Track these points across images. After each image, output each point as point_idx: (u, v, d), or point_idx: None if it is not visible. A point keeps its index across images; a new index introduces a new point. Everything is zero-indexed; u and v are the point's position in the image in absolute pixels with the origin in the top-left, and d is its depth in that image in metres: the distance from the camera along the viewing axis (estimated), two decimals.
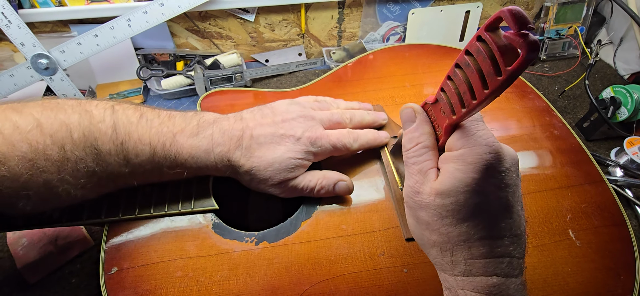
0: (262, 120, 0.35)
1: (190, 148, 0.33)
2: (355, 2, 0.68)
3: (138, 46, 0.66)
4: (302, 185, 0.36)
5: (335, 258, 0.35)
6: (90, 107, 0.31)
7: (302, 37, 0.72)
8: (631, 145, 0.53)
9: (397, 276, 0.34)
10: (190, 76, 0.62)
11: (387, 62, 0.55)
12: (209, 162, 0.33)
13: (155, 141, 0.31)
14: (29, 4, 0.55)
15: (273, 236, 0.36)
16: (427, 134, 0.29)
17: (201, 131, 0.33)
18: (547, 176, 0.42)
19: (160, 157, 0.32)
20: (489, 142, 0.24)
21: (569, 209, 0.40)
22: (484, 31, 0.21)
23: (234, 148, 0.34)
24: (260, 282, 0.33)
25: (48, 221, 0.34)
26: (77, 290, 0.40)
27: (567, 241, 0.38)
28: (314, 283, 0.34)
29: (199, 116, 0.35)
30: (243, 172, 0.34)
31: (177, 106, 0.63)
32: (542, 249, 0.37)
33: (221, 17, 0.66)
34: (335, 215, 0.37)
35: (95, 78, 0.65)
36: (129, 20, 0.53)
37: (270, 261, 0.34)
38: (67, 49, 0.52)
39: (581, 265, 0.36)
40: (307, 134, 0.35)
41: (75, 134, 0.29)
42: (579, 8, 0.67)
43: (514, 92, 0.51)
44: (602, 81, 0.68)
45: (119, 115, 0.31)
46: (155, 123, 0.32)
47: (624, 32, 0.67)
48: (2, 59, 0.61)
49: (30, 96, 0.59)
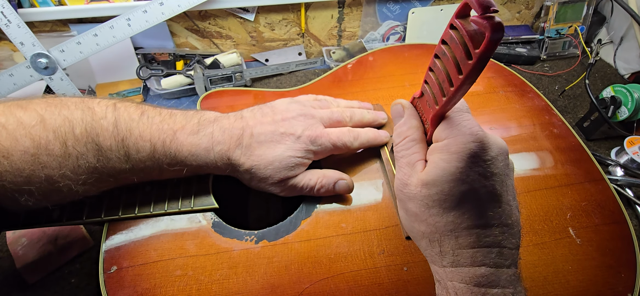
0: (262, 119, 0.35)
1: (190, 146, 0.33)
2: (355, 2, 0.68)
3: (138, 45, 0.66)
4: (302, 183, 0.36)
5: (335, 256, 0.35)
6: (93, 104, 0.31)
7: (302, 37, 0.72)
8: (631, 144, 0.53)
9: (397, 275, 0.34)
10: (190, 75, 0.62)
11: (386, 62, 0.55)
12: (209, 160, 0.33)
13: (155, 138, 0.32)
14: (29, 3, 0.55)
15: (273, 235, 0.36)
16: (414, 128, 0.30)
17: (202, 129, 0.33)
18: (548, 175, 0.42)
19: (160, 154, 0.32)
20: (472, 131, 0.25)
21: (569, 207, 0.40)
22: (455, 18, 0.22)
23: (234, 147, 0.34)
24: (260, 281, 0.33)
25: (48, 220, 0.34)
26: (77, 289, 0.40)
27: (567, 239, 0.38)
28: (313, 282, 0.34)
29: (199, 114, 0.35)
30: (243, 171, 0.34)
31: (177, 105, 0.63)
32: (543, 247, 0.37)
33: (221, 17, 0.66)
34: (335, 213, 0.37)
35: (94, 77, 0.65)
36: (129, 19, 0.53)
37: (270, 259, 0.34)
38: (66, 48, 0.52)
39: (582, 263, 0.36)
40: (307, 133, 0.35)
41: (77, 130, 0.29)
42: (579, 7, 0.67)
43: (514, 91, 0.51)
44: (602, 80, 0.68)
45: (120, 112, 0.31)
46: (157, 120, 0.32)
47: (624, 31, 0.67)
48: (2, 58, 0.60)
49: (30, 95, 0.59)
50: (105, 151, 0.30)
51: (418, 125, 0.30)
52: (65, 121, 0.29)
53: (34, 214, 0.34)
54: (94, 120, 0.30)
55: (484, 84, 0.51)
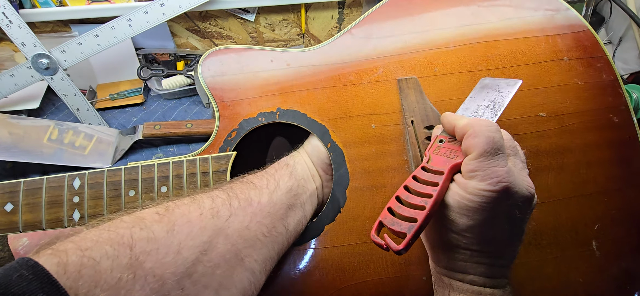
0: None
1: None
2: (355, 2, 0.68)
3: (138, 46, 0.66)
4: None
5: (358, 264, 0.35)
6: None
7: (302, 37, 0.72)
8: None
9: (416, 284, 0.35)
10: (191, 76, 0.62)
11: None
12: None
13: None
14: (30, 3, 0.55)
15: (299, 238, 0.36)
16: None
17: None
18: (588, 178, 0.38)
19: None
20: (495, 181, 0.27)
21: (601, 217, 0.37)
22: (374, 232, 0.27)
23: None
24: (285, 285, 0.34)
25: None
26: None
27: (588, 252, 0.36)
28: (338, 288, 0.34)
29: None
30: None
31: (177, 106, 0.63)
32: (562, 260, 0.36)
33: (221, 17, 0.66)
34: (359, 219, 0.37)
35: (95, 78, 0.65)
36: (130, 20, 0.53)
37: (294, 265, 0.35)
38: (67, 48, 0.52)
39: (594, 275, 0.36)
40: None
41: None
42: (578, 8, 0.67)
43: (580, 58, 0.42)
44: None
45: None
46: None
47: (623, 32, 0.68)
48: (3, 58, 0.61)
49: (30, 95, 0.59)
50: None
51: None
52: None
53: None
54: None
55: (548, 48, 0.43)
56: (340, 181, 0.38)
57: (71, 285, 0.21)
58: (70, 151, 0.53)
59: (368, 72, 0.42)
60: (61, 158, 0.51)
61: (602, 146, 0.40)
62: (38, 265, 0.21)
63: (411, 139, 0.38)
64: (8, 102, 0.57)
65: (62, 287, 0.20)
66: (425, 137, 0.37)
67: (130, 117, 0.62)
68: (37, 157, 0.50)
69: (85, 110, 0.57)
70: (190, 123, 0.56)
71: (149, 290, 0.23)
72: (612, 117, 0.41)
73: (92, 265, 0.22)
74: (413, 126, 0.38)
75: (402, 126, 0.40)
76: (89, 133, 0.55)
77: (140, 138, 0.55)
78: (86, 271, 0.21)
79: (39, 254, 0.22)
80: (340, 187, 0.38)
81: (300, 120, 0.41)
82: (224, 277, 0.27)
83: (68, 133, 0.54)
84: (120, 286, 0.22)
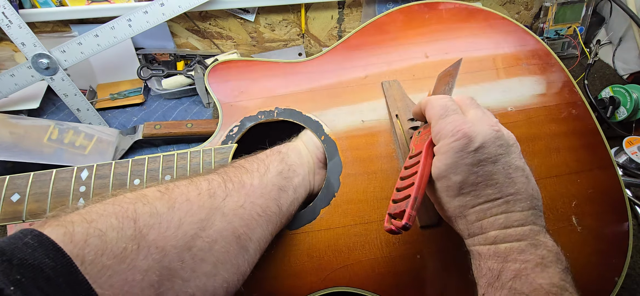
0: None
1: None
2: (355, 2, 0.68)
3: (138, 46, 0.66)
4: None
5: (353, 245, 0.37)
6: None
7: (302, 37, 0.72)
8: (630, 144, 0.53)
9: (410, 262, 0.37)
10: (191, 76, 0.62)
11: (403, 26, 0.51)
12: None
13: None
14: (30, 3, 0.55)
15: (294, 223, 0.38)
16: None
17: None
18: (559, 161, 0.42)
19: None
20: (454, 130, 0.29)
21: (576, 195, 0.41)
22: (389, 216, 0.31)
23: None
24: (283, 268, 0.35)
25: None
26: None
27: (569, 227, 0.39)
28: (334, 269, 0.36)
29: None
30: None
31: (177, 106, 0.64)
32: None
33: (221, 17, 0.66)
34: (353, 202, 0.39)
35: (95, 78, 0.65)
36: (130, 20, 0.53)
37: (292, 247, 0.36)
38: (67, 48, 0.52)
39: (578, 249, 0.38)
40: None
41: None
42: (578, 8, 0.67)
43: (538, 64, 0.49)
44: (601, 81, 0.68)
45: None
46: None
47: (623, 32, 0.68)
48: (3, 58, 0.61)
49: (30, 95, 0.59)
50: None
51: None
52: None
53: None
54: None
55: (510, 55, 0.49)
56: (334, 169, 0.41)
57: (77, 253, 0.21)
58: (71, 151, 0.53)
59: (356, 79, 0.48)
60: (61, 158, 0.52)
61: (568, 134, 0.44)
62: (43, 235, 0.21)
63: (397, 130, 0.42)
64: (8, 102, 0.57)
65: (68, 254, 0.21)
66: (409, 127, 0.42)
67: (130, 117, 0.62)
68: (38, 156, 0.51)
69: (85, 110, 0.58)
70: (191, 123, 0.56)
71: (152, 260, 0.24)
72: (571, 110, 0.46)
73: (98, 235, 0.23)
74: (398, 119, 0.43)
75: (389, 120, 0.44)
76: (89, 133, 0.55)
77: (140, 138, 0.55)
78: (92, 241, 0.22)
79: (45, 225, 0.23)
80: (334, 174, 0.41)
81: (296, 117, 0.45)
82: (221, 253, 0.29)
83: (68, 133, 0.54)
84: (125, 255, 0.23)
